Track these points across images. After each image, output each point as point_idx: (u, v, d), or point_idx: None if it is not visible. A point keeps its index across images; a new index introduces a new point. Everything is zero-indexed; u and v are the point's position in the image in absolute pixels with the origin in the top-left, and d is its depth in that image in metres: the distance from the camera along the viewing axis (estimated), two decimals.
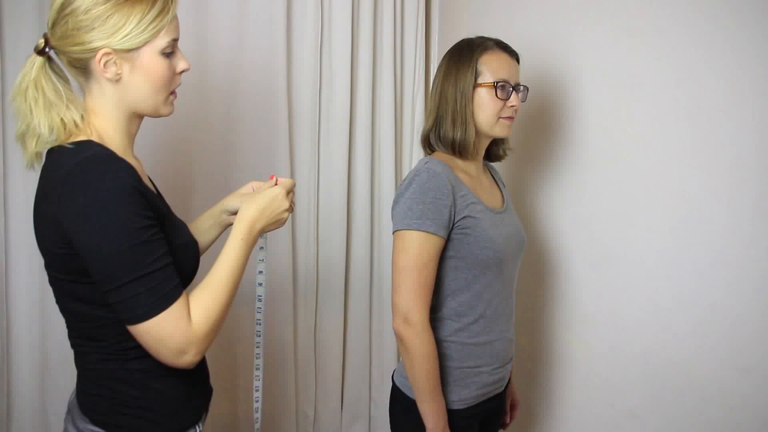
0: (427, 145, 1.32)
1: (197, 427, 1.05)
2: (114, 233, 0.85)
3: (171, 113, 1.03)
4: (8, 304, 1.66)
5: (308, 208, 2.02)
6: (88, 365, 1.00)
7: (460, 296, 1.24)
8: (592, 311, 1.56)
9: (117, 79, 0.94)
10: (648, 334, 1.40)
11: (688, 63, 1.29)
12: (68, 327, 1.01)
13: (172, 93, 1.02)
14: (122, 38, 0.91)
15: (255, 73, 1.88)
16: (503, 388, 1.36)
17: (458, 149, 1.27)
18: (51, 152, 0.94)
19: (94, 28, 0.90)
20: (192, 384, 1.05)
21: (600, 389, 1.53)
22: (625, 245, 1.45)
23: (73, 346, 1.02)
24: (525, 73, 1.40)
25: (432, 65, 2.25)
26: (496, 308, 1.27)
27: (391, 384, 1.35)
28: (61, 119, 0.93)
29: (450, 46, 1.35)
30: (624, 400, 1.46)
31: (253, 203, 1.08)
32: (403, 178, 1.28)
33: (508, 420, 1.48)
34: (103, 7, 0.90)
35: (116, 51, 0.92)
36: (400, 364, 1.30)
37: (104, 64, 0.92)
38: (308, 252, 2.03)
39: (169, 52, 0.96)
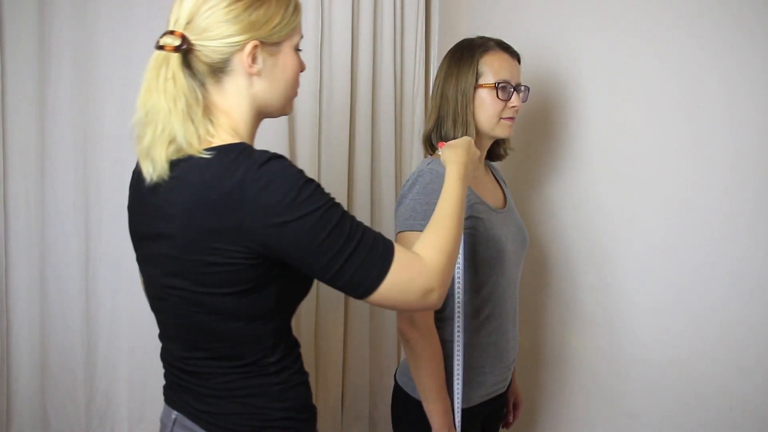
0: (429, 145, 1.32)
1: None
2: (319, 217, 0.82)
3: (290, 112, 1.03)
4: (8, 304, 1.66)
5: None
6: (219, 385, 0.94)
7: (464, 296, 1.24)
8: (591, 311, 1.56)
9: (258, 74, 0.91)
10: (648, 334, 1.40)
11: (688, 63, 1.29)
12: (190, 347, 0.95)
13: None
14: (270, 30, 0.90)
15: None
16: (506, 388, 1.36)
17: None
18: (191, 162, 0.86)
19: (242, 21, 0.87)
20: (310, 389, 1.04)
21: (600, 389, 1.53)
22: (624, 245, 1.45)
23: (193, 366, 0.96)
24: (525, 73, 1.40)
25: (432, 65, 2.25)
26: (500, 308, 1.27)
27: (391, 383, 1.35)
28: (197, 128, 0.87)
29: (450, 46, 1.35)
30: (624, 400, 1.46)
31: (454, 146, 1.10)
32: (405, 178, 1.28)
33: (511, 419, 1.48)
34: None
35: (263, 44, 0.90)
36: (403, 363, 1.30)
37: (253, 58, 0.90)
38: None
39: (299, 50, 0.97)
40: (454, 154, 1.08)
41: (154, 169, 0.87)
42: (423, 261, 0.87)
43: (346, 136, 2.03)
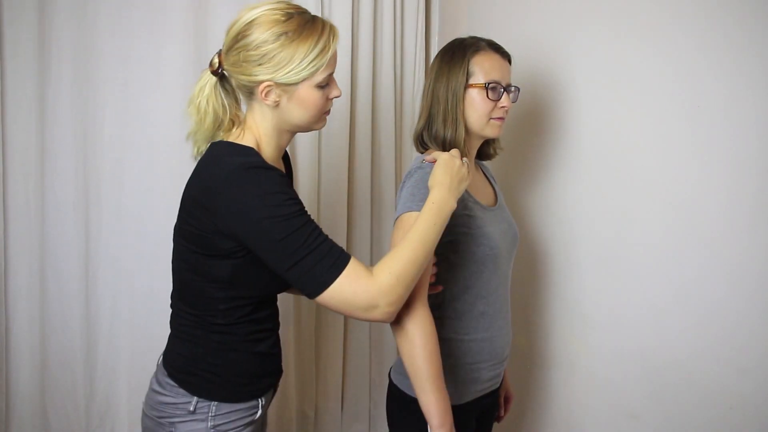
0: (420, 143, 1.33)
1: (260, 400, 1.15)
2: (278, 223, 0.96)
3: (323, 127, 1.16)
4: (8, 304, 1.66)
5: (309, 209, 2.02)
6: (179, 326, 1.14)
7: (458, 294, 1.25)
8: (591, 311, 1.56)
9: (275, 105, 1.06)
10: (648, 334, 1.40)
11: (688, 63, 1.29)
12: (173, 288, 1.16)
13: (325, 112, 1.12)
14: (285, 74, 1.02)
15: None
16: (499, 384, 1.36)
17: (449, 148, 1.27)
18: (214, 145, 1.08)
19: (261, 64, 1.01)
20: (262, 363, 1.16)
21: (600, 389, 1.53)
22: (624, 245, 1.45)
23: (172, 306, 1.17)
24: (525, 72, 1.40)
25: None
26: (493, 305, 1.27)
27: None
28: (223, 129, 1.09)
29: None
30: (624, 400, 1.46)
31: (436, 167, 1.14)
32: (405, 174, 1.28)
33: (502, 413, 1.48)
34: (272, 45, 1.01)
35: (277, 84, 1.03)
36: (397, 360, 1.30)
37: (265, 94, 1.04)
38: None
39: (324, 85, 1.07)
40: (433, 178, 1.12)
41: (193, 152, 1.13)
42: (371, 280, 0.98)
43: (346, 136, 2.03)
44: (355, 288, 0.97)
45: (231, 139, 1.08)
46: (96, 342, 1.76)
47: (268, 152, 1.10)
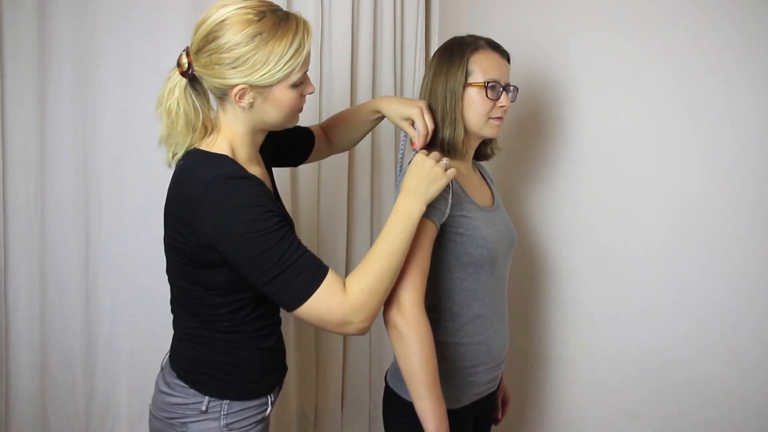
0: None
1: (269, 397, 1.17)
2: (256, 239, 0.95)
3: (296, 124, 1.15)
4: (8, 304, 1.66)
5: (309, 209, 2.02)
6: (184, 330, 1.15)
7: (454, 296, 1.24)
8: (591, 311, 1.56)
9: (249, 107, 1.04)
10: (648, 334, 1.40)
11: (688, 63, 1.29)
12: (172, 296, 1.16)
13: (299, 110, 1.10)
14: (260, 77, 0.99)
15: None
16: (496, 387, 1.35)
17: (447, 148, 1.26)
18: (189, 156, 1.06)
19: (235, 67, 0.98)
20: (270, 359, 1.17)
21: (600, 389, 1.53)
22: (625, 245, 1.45)
23: (173, 311, 1.17)
24: (525, 72, 1.40)
25: None
26: (490, 307, 1.26)
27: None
28: (196, 134, 1.06)
29: None
30: (624, 401, 1.46)
31: (408, 171, 1.12)
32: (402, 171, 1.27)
33: (500, 416, 1.48)
34: (246, 48, 0.97)
35: (252, 86, 1.00)
36: (393, 364, 1.29)
37: (239, 97, 1.02)
38: None
39: (299, 83, 1.05)
40: (405, 181, 1.10)
41: (167, 158, 1.09)
42: (344, 297, 0.99)
43: None
44: (329, 306, 0.98)
45: (204, 146, 1.06)
46: (96, 342, 1.76)
47: (244, 153, 1.09)
